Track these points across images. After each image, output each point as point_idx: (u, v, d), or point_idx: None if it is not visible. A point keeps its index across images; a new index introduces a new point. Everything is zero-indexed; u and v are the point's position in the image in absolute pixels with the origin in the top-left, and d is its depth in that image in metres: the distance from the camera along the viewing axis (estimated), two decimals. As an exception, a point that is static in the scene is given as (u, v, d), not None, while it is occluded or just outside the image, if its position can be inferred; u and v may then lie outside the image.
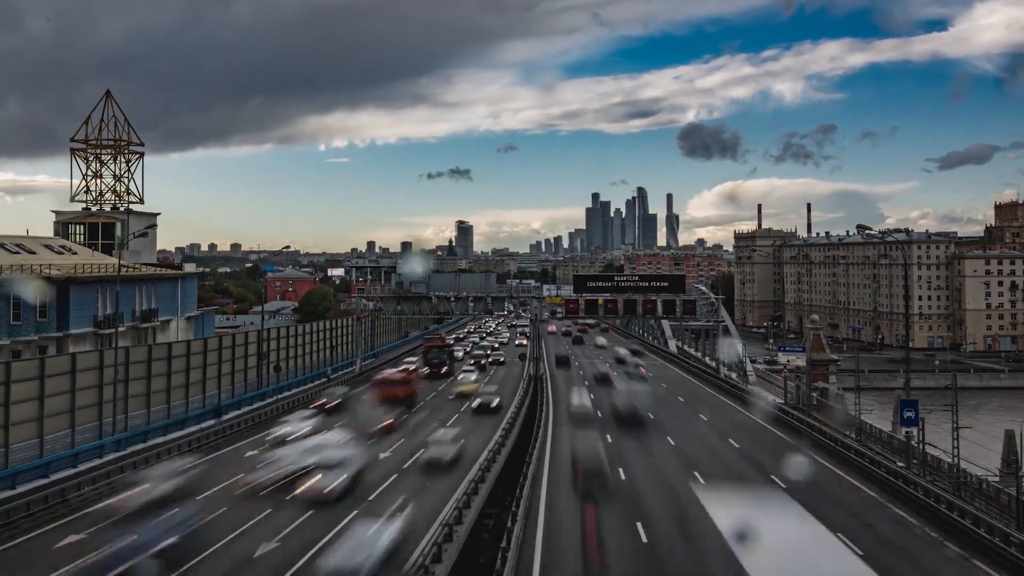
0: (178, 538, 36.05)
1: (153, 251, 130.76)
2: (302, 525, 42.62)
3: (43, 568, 35.47)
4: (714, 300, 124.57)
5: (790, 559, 37.86)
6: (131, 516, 40.54)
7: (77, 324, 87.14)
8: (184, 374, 71.78)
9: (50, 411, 53.79)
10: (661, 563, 38.84)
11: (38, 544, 39.28)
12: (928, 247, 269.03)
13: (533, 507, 47.52)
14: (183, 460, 55.04)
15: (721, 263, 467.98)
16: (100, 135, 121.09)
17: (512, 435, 68.32)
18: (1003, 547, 39.35)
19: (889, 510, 48.85)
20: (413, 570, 33.60)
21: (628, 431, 73.54)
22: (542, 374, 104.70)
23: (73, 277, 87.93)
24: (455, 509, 42.18)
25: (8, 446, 49.51)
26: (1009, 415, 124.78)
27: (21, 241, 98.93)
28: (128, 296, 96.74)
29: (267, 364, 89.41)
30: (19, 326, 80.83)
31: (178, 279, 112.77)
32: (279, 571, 35.98)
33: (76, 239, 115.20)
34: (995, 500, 52.55)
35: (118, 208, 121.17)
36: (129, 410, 62.98)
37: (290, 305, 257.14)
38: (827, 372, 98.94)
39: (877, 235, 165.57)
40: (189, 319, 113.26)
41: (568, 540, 42.14)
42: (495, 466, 55.92)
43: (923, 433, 59.89)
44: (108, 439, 58.81)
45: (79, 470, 52.59)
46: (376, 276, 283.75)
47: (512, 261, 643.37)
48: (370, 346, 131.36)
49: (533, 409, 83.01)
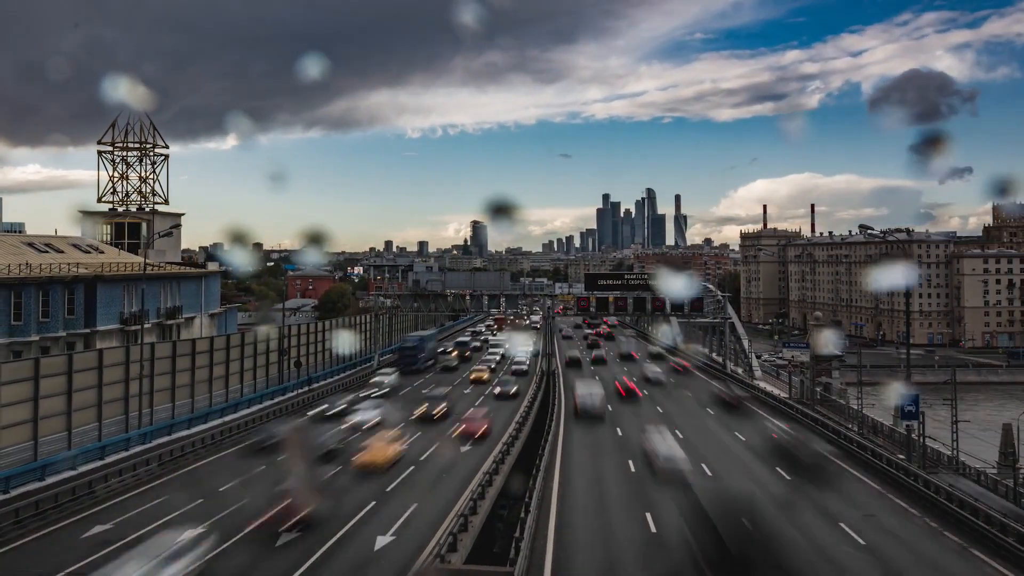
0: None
1: (177, 250, 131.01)
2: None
3: (73, 557, 35.54)
4: (721, 298, 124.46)
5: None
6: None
7: (104, 321, 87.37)
8: (207, 369, 71.95)
9: (78, 405, 54.03)
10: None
11: (66, 534, 39.32)
12: (928, 246, 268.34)
13: (546, 498, 47.54)
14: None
15: (727, 262, 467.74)
16: (126, 138, 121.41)
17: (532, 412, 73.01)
18: (1000, 536, 39.29)
19: (890, 500, 48.73)
20: (430, 559, 33.57)
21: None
22: (555, 369, 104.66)
23: (100, 275, 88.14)
24: (470, 500, 42.15)
25: (37, 439, 49.72)
26: (1006, 409, 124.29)
27: (50, 240, 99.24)
28: (153, 294, 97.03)
29: (288, 360, 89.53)
30: (48, 323, 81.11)
31: (202, 277, 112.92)
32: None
33: (103, 239, 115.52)
34: (993, 491, 52.47)
35: (143, 209, 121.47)
36: (154, 404, 63.21)
37: (310, 303, 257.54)
38: (830, 367, 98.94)
39: (879, 234, 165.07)
40: (212, 316, 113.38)
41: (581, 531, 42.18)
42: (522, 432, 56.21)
43: (923, 426, 59.78)
44: (134, 432, 58.99)
45: (106, 462, 52.69)
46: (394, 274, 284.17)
47: (526, 260, 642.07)
48: (388, 342, 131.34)
49: (546, 401, 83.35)
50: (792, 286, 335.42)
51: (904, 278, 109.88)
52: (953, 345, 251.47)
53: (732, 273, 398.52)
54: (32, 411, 49.68)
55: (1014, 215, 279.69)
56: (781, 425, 70.73)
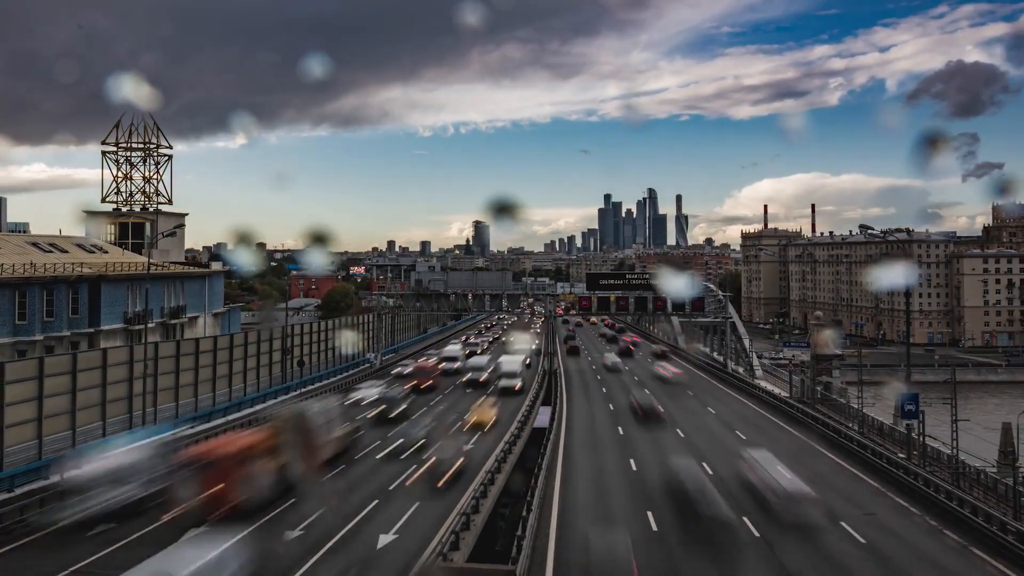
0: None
1: (181, 250, 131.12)
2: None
3: (80, 554, 35.50)
4: (722, 297, 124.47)
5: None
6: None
7: (108, 320, 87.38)
8: (211, 369, 71.92)
9: (82, 404, 53.95)
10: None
11: (71, 531, 39.25)
12: (928, 246, 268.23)
13: (547, 497, 47.55)
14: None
15: (728, 261, 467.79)
16: (130, 138, 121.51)
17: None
18: (1000, 535, 39.24)
19: (890, 499, 48.70)
20: (432, 557, 33.54)
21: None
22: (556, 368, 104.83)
23: (104, 275, 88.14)
24: (472, 499, 42.16)
25: (41, 438, 49.63)
26: (1006, 408, 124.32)
27: (54, 240, 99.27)
28: (157, 293, 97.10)
29: (291, 359, 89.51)
30: (52, 322, 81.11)
31: (205, 277, 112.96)
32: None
33: (107, 239, 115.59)
34: (992, 490, 52.41)
35: (147, 209, 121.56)
36: (158, 403, 63.14)
37: (313, 302, 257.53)
38: (831, 366, 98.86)
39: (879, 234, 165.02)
40: (216, 315, 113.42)
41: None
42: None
43: (923, 425, 59.72)
44: (138, 431, 58.90)
45: (110, 460, 52.63)
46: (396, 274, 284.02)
47: (528, 259, 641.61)
48: (390, 341, 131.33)
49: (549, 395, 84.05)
50: (793, 286, 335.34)
51: (904, 277, 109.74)
52: (953, 344, 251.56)
53: (733, 273, 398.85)
54: (36, 410, 49.57)
55: (1013, 215, 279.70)
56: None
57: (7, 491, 43.71)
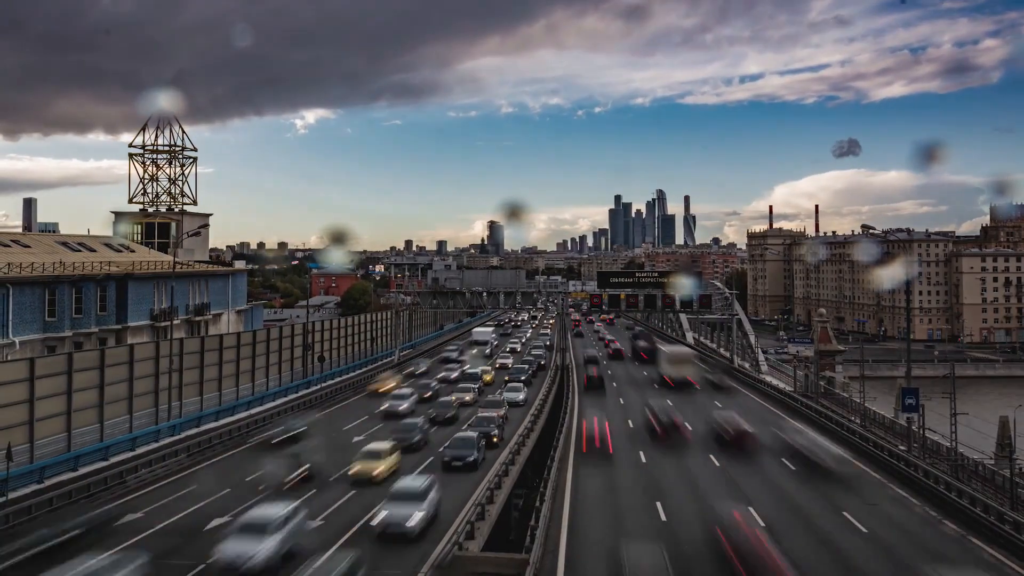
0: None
1: (205, 249, 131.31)
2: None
3: (108, 545, 35.46)
4: (728, 295, 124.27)
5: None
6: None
7: (135, 317, 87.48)
8: (234, 364, 72.02)
9: (110, 398, 54.11)
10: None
11: (98, 523, 39.23)
12: (928, 245, 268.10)
13: (560, 487, 47.48)
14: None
15: (735, 260, 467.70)
16: (156, 141, 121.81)
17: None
18: (998, 525, 39.08)
19: (891, 490, 48.50)
20: (448, 547, 33.52)
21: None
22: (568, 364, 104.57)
23: (131, 273, 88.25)
24: (487, 490, 42.17)
25: (70, 430, 49.86)
26: (1003, 402, 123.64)
27: (83, 240, 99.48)
28: (182, 291, 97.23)
29: (312, 355, 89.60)
30: (81, 319, 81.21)
31: (229, 275, 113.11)
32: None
33: (134, 238, 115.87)
34: (990, 481, 52.31)
35: (173, 209, 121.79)
36: (183, 397, 63.31)
37: (333, 300, 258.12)
38: (834, 362, 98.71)
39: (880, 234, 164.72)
40: (239, 312, 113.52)
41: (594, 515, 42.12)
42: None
43: (923, 419, 59.57)
44: (164, 424, 59.00)
45: (136, 453, 52.66)
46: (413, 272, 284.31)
47: (540, 258, 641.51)
48: (408, 338, 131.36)
49: (560, 393, 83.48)
50: (797, 284, 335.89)
51: (903, 275, 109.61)
52: (952, 341, 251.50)
53: (740, 271, 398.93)
54: (66, 404, 49.79)
55: (1009, 216, 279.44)
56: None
57: (37, 482, 43.88)
